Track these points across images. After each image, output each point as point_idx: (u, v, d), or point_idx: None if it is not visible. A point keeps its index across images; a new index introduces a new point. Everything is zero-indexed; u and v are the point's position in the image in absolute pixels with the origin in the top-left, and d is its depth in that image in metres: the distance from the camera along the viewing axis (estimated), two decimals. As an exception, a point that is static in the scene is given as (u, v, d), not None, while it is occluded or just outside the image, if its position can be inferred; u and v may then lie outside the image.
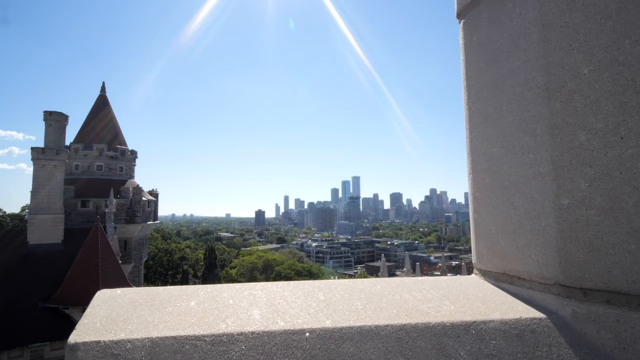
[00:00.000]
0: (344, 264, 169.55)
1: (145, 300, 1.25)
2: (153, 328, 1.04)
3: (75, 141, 44.93)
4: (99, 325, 1.05)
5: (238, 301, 1.25)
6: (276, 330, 1.05)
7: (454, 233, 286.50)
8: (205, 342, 1.00)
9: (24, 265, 30.57)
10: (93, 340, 0.97)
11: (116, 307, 1.18)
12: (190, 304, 1.21)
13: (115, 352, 0.95)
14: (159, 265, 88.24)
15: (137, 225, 42.34)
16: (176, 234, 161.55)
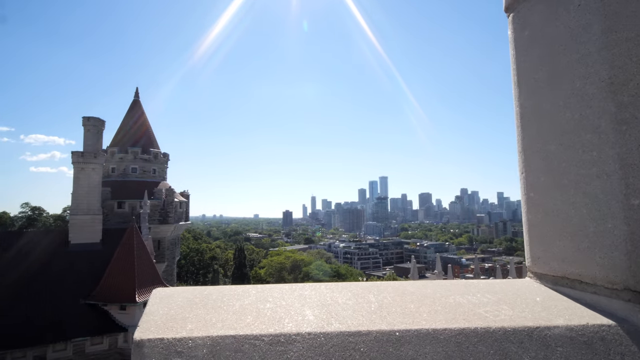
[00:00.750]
0: (372, 265, 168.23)
1: (199, 299, 1.28)
2: (212, 327, 1.06)
3: (112, 145, 46.89)
4: (160, 323, 1.09)
5: (290, 302, 1.26)
6: (332, 332, 1.05)
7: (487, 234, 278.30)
8: (263, 341, 1.01)
9: (66, 263, 32.18)
10: (157, 337, 1.00)
11: (174, 305, 1.22)
12: (244, 304, 1.24)
13: (179, 349, 0.98)
14: (191, 264, 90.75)
15: (169, 226, 43.68)
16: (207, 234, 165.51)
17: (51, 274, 30.74)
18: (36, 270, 30.57)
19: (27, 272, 30.16)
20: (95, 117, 39.67)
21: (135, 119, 49.91)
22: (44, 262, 31.50)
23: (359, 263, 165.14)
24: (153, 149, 48.05)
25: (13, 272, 29.62)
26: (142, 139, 48.28)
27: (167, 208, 43.59)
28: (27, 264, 30.66)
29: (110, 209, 40.45)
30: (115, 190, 42.09)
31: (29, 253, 31.53)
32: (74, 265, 32.12)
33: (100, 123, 40.18)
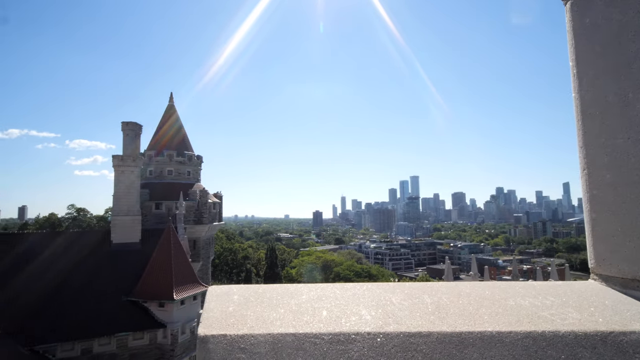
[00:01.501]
0: (404, 266, 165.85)
1: (254, 297, 1.31)
2: (271, 324, 1.09)
3: (149, 148, 48.80)
4: (221, 319, 1.13)
5: (344, 301, 1.26)
6: (392, 332, 1.04)
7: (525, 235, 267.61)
8: (323, 340, 1.02)
9: (109, 261, 33.82)
10: (220, 333, 1.05)
11: (231, 303, 1.25)
12: (299, 302, 1.25)
13: (242, 346, 1.01)
14: (224, 263, 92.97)
15: (204, 226, 44.89)
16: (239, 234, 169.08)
17: (96, 272, 32.41)
18: (82, 268, 32.32)
19: (75, 270, 31.95)
20: (133, 122, 41.39)
21: (170, 122, 51.71)
22: (89, 260, 33.26)
23: (390, 264, 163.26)
24: (187, 151, 49.59)
25: (62, 270, 31.47)
26: (177, 142, 49.95)
27: (202, 209, 44.84)
28: (74, 262, 32.48)
29: (148, 210, 42.09)
30: (153, 192, 43.76)
31: (76, 252, 33.38)
32: (116, 264, 33.71)
33: (137, 127, 41.88)
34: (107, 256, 34.23)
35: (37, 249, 32.35)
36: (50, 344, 27.14)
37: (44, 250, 32.36)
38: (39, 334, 27.18)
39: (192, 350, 32.32)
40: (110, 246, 35.24)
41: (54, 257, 32.18)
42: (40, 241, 33.44)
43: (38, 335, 27.07)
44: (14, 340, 25.77)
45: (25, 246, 32.31)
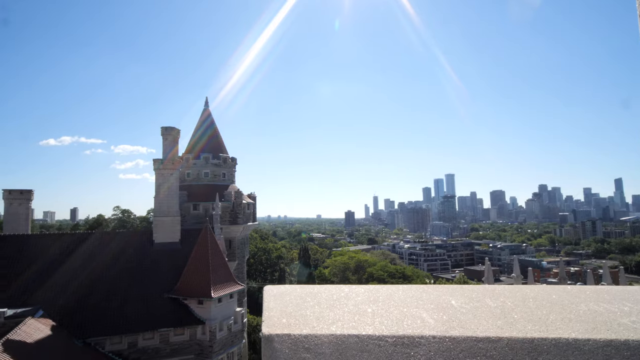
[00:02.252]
0: (440, 267, 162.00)
1: (311, 297, 1.31)
2: (332, 325, 1.08)
3: (186, 151, 50.50)
4: (283, 319, 1.14)
5: (402, 302, 1.23)
6: (458, 336, 1.00)
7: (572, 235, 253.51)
8: (387, 342, 1.00)
9: (151, 260, 35.35)
10: (284, 333, 1.06)
11: (289, 303, 1.26)
12: (356, 303, 1.23)
13: (306, 346, 1.02)
14: (259, 263, 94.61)
15: (239, 226, 45.89)
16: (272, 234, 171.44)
17: (140, 270, 33.99)
18: (128, 266, 34.00)
19: (121, 267, 33.68)
20: (172, 127, 42.97)
21: (205, 126, 53.29)
22: (134, 259, 34.93)
23: (425, 265, 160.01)
24: (222, 153, 50.89)
25: (110, 269, 33.26)
26: (212, 144, 51.37)
27: (236, 209, 45.86)
28: (120, 261, 34.24)
29: (186, 211, 43.55)
30: (191, 193, 45.24)
31: (122, 251, 35.17)
32: (158, 263, 35.17)
33: (176, 132, 43.45)
34: (149, 255, 35.78)
35: (87, 247, 34.38)
36: (100, 337, 28.76)
37: (93, 249, 34.35)
38: (90, 327, 28.86)
39: (229, 347, 33.14)
40: (152, 245, 36.81)
41: (102, 255, 34.08)
42: (89, 240, 35.48)
43: (89, 328, 28.75)
44: (69, 332, 27.50)
45: (77, 245, 34.40)
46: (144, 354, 29.92)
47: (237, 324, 34.38)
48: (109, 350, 28.59)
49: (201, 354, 31.50)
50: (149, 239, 37.39)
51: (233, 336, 33.81)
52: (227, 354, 32.95)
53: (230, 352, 33.27)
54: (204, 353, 31.46)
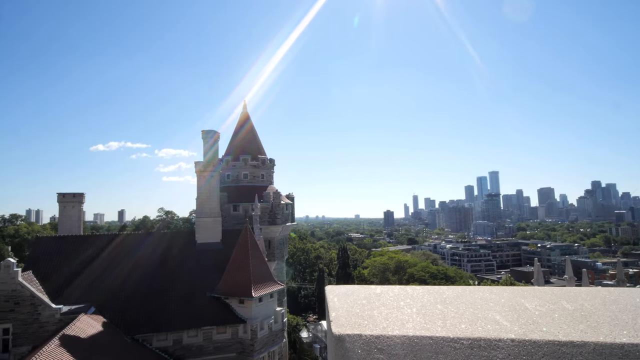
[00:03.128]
0: (484, 268, 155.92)
1: (375, 297, 1.26)
2: (402, 326, 1.02)
3: (226, 153, 51.88)
4: (351, 319, 1.08)
5: (471, 304, 1.12)
6: (539, 340, 0.88)
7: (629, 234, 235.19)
8: (463, 345, 0.93)
9: (194, 260, 36.56)
10: (355, 333, 1.02)
11: (355, 303, 1.21)
12: (423, 304, 1.14)
13: (379, 346, 0.98)
14: (298, 263, 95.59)
15: (277, 227, 46.45)
16: (311, 234, 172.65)
17: (183, 270, 35.24)
18: (172, 265, 35.36)
19: (166, 267, 35.09)
20: (212, 130, 44.30)
21: (244, 128, 54.48)
22: (178, 259, 36.28)
23: (468, 265, 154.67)
24: (260, 155, 51.80)
25: (156, 268, 34.75)
26: (251, 146, 52.41)
27: (275, 210, 46.45)
28: (165, 260, 35.69)
29: (227, 212, 44.67)
30: (231, 194, 46.37)
31: (166, 251, 36.67)
32: (201, 262, 36.30)
33: (216, 135, 44.77)
34: (192, 255, 37.01)
35: (134, 247, 36.13)
36: (147, 333, 30.06)
37: (139, 249, 36.04)
38: (137, 324, 30.25)
39: (270, 346, 33.52)
40: (195, 246, 38.06)
41: (148, 255, 35.67)
42: (136, 241, 37.27)
43: (137, 325, 30.14)
44: (118, 328, 28.98)
45: (124, 245, 36.25)
46: (189, 351, 30.93)
47: (277, 323, 34.73)
48: (155, 346, 29.82)
49: (243, 352, 32.09)
50: (191, 240, 38.69)
51: (274, 335, 34.17)
52: (269, 353, 33.34)
53: (271, 351, 33.64)
54: (246, 351, 32.02)
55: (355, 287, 1.42)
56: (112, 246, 35.96)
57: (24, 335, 24.88)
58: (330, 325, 1.08)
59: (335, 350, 1.00)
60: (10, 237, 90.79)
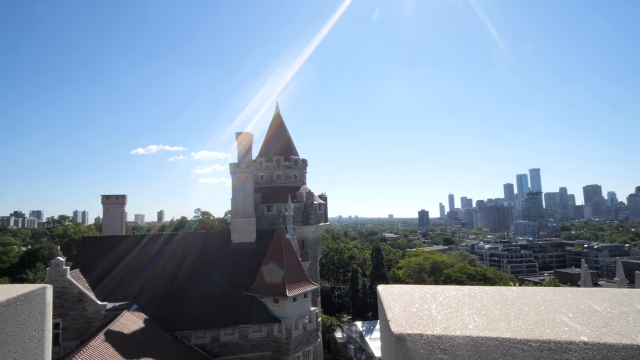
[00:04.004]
0: (525, 269, 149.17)
1: (431, 297, 1.19)
2: (464, 327, 0.99)
3: (259, 155, 52.55)
4: (410, 319, 1.05)
5: (535, 305, 0.96)
6: (616, 344, 0.87)
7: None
8: (531, 347, 0.91)
9: (230, 259, 37.25)
10: (416, 333, 1.00)
11: (410, 303, 1.15)
12: (483, 305, 1.06)
13: (442, 347, 0.95)
14: (331, 263, 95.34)
15: (311, 227, 46.46)
16: (344, 234, 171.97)
17: (220, 269, 35.99)
18: (209, 265, 36.20)
19: (203, 266, 35.97)
20: (245, 132, 44.98)
21: (276, 129, 54.97)
22: (214, 258, 37.10)
23: (508, 266, 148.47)
24: (293, 156, 52.06)
25: (193, 267, 35.71)
26: (284, 147, 52.78)
27: (308, 210, 46.49)
28: (202, 260, 36.59)
29: (261, 212, 45.20)
30: (264, 195, 46.88)
31: (203, 251, 37.58)
32: (236, 261, 36.94)
33: (249, 137, 45.39)
34: (228, 254, 37.72)
35: (173, 247, 37.29)
36: (185, 330, 30.90)
37: (178, 249, 37.16)
38: (176, 321, 31.15)
39: (304, 345, 33.52)
40: (230, 245, 38.75)
41: (186, 254, 36.71)
42: (175, 241, 38.44)
43: (176, 322, 31.04)
44: (159, 325, 29.97)
45: (164, 245, 37.49)
46: (225, 348, 31.49)
47: (312, 323, 34.69)
48: (194, 343, 30.59)
49: (278, 351, 32.28)
50: (227, 239, 39.43)
51: (308, 335, 34.16)
52: (303, 352, 33.36)
53: (306, 350, 33.65)
54: (281, 350, 32.19)
55: (409, 286, 1.37)
56: (153, 246, 37.30)
57: (72, 330, 26.25)
58: (388, 324, 1.05)
59: (395, 349, 0.96)
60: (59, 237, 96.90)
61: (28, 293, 1.54)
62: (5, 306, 1.42)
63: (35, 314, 1.57)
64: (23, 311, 1.50)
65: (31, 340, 1.53)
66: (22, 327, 1.50)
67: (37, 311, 1.59)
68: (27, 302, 1.53)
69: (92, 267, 34.05)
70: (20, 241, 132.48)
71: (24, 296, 1.52)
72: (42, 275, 65.17)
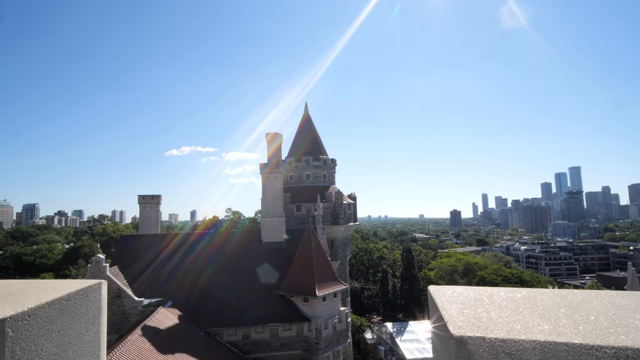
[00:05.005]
0: (565, 272, 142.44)
1: (487, 299, 1.17)
2: (529, 330, 0.95)
3: (289, 155, 52.99)
4: (470, 321, 1.04)
5: (604, 309, 0.93)
6: None
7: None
8: (606, 354, 0.87)
9: (260, 258, 37.80)
10: (478, 335, 0.98)
11: (466, 305, 1.13)
12: (545, 308, 1.03)
13: (507, 350, 0.92)
14: (360, 263, 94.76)
15: (340, 227, 46.36)
16: (373, 234, 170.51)
17: (251, 268, 36.59)
18: (240, 264, 36.89)
19: (234, 265, 36.70)
20: (275, 133, 45.49)
21: (305, 129, 55.26)
22: (245, 257, 37.76)
23: (547, 269, 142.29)
24: (322, 155, 52.14)
25: (224, 266, 36.51)
26: (313, 147, 52.98)
27: (337, 210, 46.42)
28: (233, 258, 37.35)
29: (290, 212, 45.56)
30: (294, 195, 47.23)
31: (234, 250, 38.35)
32: (266, 260, 37.42)
33: (279, 137, 45.88)
34: (258, 253, 38.30)
35: (205, 246, 38.28)
36: (217, 327, 31.63)
37: (210, 247, 38.11)
38: (209, 318, 31.94)
39: (334, 345, 33.49)
40: (260, 244, 39.33)
41: (218, 253, 37.59)
42: (207, 239, 39.45)
43: (208, 320, 31.84)
44: (192, 321, 30.84)
45: (197, 243, 38.55)
46: (256, 346, 31.97)
47: (341, 323, 34.63)
48: (225, 340, 31.25)
49: (308, 350, 32.44)
50: (257, 239, 40.04)
51: (338, 335, 34.12)
52: (333, 352, 33.35)
53: (335, 350, 33.62)
54: (311, 349, 32.32)
55: (462, 287, 1.32)
56: (186, 244, 38.45)
57: (110, 324, 27.43)
58: (446, 326, 1.03)
59: (455, 352, 0.94)
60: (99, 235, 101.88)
61: (86, 288, 1.62)
62: (67, 300, 1.50)
63: (92, 308, 1.66)
64: (82, 305, 1.59)
65: (89, 333, 1.61)
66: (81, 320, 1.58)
67: (94, 305, 1.67)
68: (85, 296, 1.61)
69: (129, 264, 35.49)
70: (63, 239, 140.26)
71: (82, 291, 1.60)
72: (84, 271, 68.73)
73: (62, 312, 1.46)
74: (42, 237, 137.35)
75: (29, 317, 1.31)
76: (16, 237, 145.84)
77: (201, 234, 42.33)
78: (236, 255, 37.79)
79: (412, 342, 56.16)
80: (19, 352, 1.25)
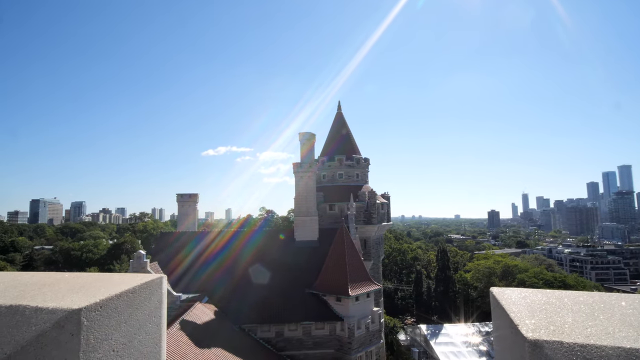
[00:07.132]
0: (613, 277, 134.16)
1: (559, 303, 1.10)
2: (610, 335, 0.90)
3: (322, 154, 53.16)
4: (544, 324, 1.00)
5: None
6: None
7: None
8: None
9: (294, 257, 38.19)
10: (555, 340, 0.94)
11: (536, 308, 1.06)
12: (624, 313, 0.99)
13: (588, 356, 0.89)
14: (394, 263, 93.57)
15: (373, 226, 45.97)
16: (407, 234, 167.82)
17: (285, 266, 37.06)
18: (273, 262, 37.45)
19: (267, 263, 37.31)
20: (308, 132, 45.81)
21: (338, 129, 55.22)
22: (278, 256, 38.30)
23: (592, 273, 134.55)
24: (355, 155, 51.92)
25: (259, 263, 37.19)
26: (346, 146, 52.86)
27: (371, 209, 46.06)
28: (268, 257, 37.98)
29: (323, 211, 45.70)
30: (327, 194, 47.34)
31: (268, 248, 38.99)
32: (300, 259, 37.77)
33: (312, 136, 46.14)
34: (292, 252, 38.71)
35: (240, 243, 39.18)
36: (252, 324, 32.26)
37: (245, 245, 38.95)
38: (243, 315, 32.65)
39: (367, 345, 33.28)
40: (294, 243, 39.73)
41: (252, 251, 38.36)
42: (242, 237, 40.35)
43: (243, 316, 32.54)
44: (227, 317, 31.65)
45: (232, 241, 39.53)
46: (289, 343, 32.34)
47: (374, 323, 34.36)
48: (259, 337, 31.83)
49: (340, 349, 32.44)
50: (290, 237, 40.48)
51: (371, 335, 33.89)
52: (366, 352, 33.16)
53: (368, 350, 33.42)
54: (344, 349, 32.31)
55: (529, 290, 1.25)
56: (222, 242, 39.51)
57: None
58: (517, 329, 1.00)
59: (530, 356, 0.91)
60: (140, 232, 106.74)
61: (149, 282, 1.72)
62: (132, 293, 1.60)
63: (154, 301, 1.75)
64: (145, 298, 1.69)
65: (151, 325, 1.71)
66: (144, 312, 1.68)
67: (156, 298, 1.77)
68: (148, 289, 1.71)
69: (168, 260, 36.94)
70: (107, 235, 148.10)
71: (146, 284, 1.70)
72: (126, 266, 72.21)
73: (128, 304, 1.55)
74: (88, 233, 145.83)
75: (100, 308, 1.41)
76: (65, 233, 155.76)
77: (236, 232, 43.34)
78: (270, 253, 38.41)
79: (447, 345, 54.86)
80: (93, 341, 1.35)
